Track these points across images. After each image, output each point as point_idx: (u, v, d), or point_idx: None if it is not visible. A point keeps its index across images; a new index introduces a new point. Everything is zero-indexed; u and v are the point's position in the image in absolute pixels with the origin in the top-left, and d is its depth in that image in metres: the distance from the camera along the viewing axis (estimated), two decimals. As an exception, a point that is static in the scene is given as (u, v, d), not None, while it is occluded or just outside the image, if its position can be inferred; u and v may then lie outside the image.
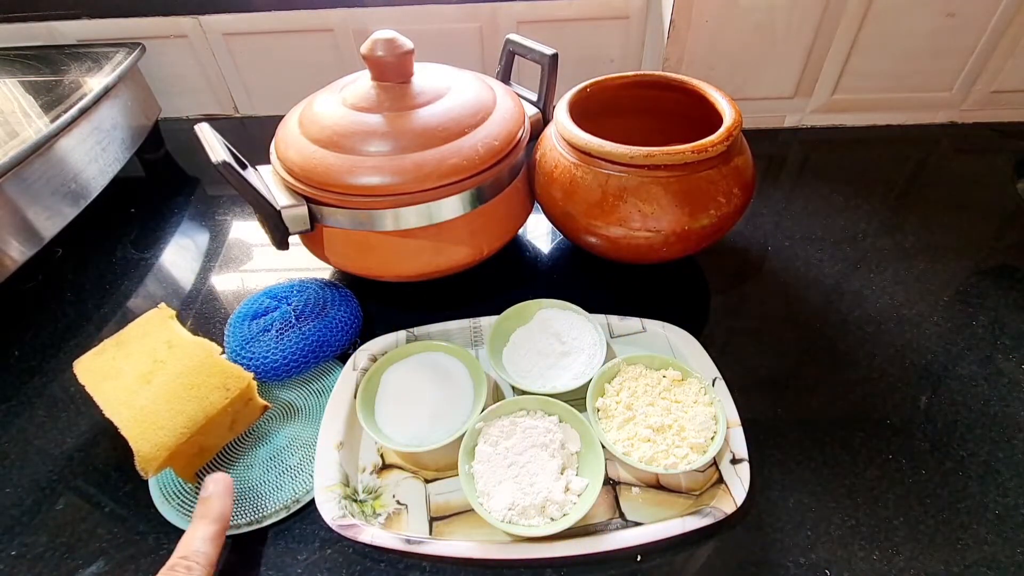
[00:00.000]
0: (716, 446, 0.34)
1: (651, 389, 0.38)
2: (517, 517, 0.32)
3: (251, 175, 0.42)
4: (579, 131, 0.42)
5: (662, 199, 0.40)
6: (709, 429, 0.36)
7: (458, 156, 0.40)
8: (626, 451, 0.35)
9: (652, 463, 0.34)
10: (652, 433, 0.35)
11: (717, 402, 0.37)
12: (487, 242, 0.45)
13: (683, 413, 0.36)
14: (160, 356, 0.37)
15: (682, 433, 0.35)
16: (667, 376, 0.39)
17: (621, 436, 0.36)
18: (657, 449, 0.35)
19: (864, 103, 0.67)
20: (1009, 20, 0.60)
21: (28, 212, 0.47)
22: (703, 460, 0.34)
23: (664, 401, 0.37)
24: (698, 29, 0.61)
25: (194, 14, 0.68)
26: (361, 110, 0.42)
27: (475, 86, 0.45)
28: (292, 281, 0.47)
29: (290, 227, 0.43)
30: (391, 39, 0.42)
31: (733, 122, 0.41)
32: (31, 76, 0.59)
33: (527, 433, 0.35)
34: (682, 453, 0.34)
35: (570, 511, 0.32)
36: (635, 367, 0.39)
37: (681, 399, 0.37)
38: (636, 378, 0.39)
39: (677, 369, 0.39)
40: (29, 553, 0.34)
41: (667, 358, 0.39)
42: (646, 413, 0.36)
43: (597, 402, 0.38)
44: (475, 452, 0.35)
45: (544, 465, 0.34)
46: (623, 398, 0.37)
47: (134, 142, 0.62)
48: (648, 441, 0.35)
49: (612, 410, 0.37)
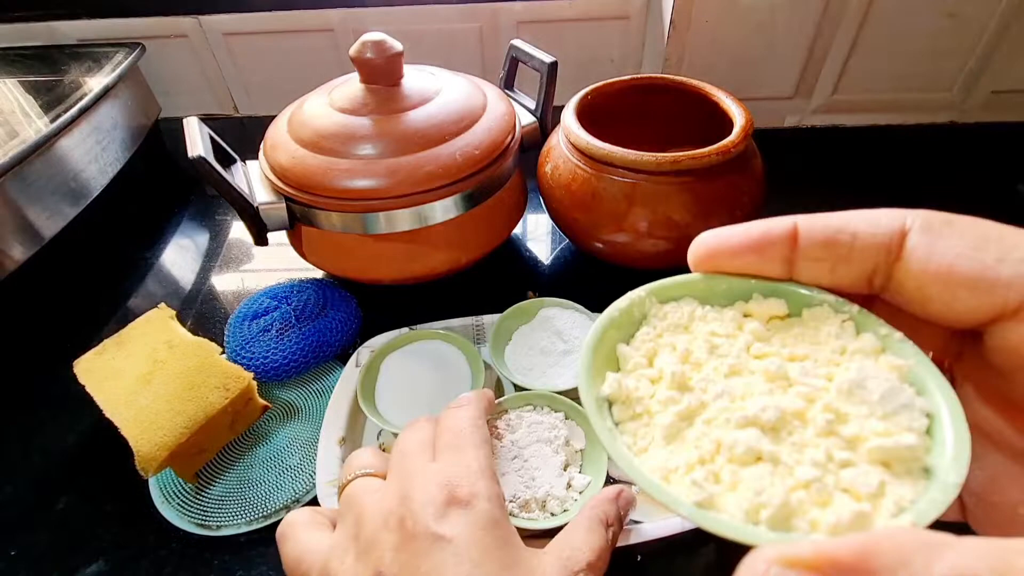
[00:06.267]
0: (950, 448, 0.14)
1: (725, 343, 0.18)
2: (518, 510, 0.32)
3: (235, 171, 0.43)
4: (597, 141, 0.41)
5: (691, 205, 0.39)
6: (905, 408, 0.15)
7: (435, 163, 0.40)
8: (702, 498, 0.14)
9: (789, 524, 0.14)
10: (759, 437, 0.15)
11: (899, 343, 0.16)
12: (467, 251, 0.45)
13: (823, 379, 0.16)
14: (160, 356, 0.37)
15: (839, 426, 0.15)
16: (753, 313, 0.19)
17: (677, 459, 0.16)
18: (783, 478, 0.15)
19: (864, 103, 0.67)
20: (1009, 20, 0.60)
21: (28, 212, 0.47)
22: (933, 496, 0.14)
23: (763, 364, 0.17)
24: (698, 29, 0.61)
25: (194, 14, 0.68)
26: (346, 112, 0.42)
27: (465, 91, 0.45)
28: (292, 281, 0.47)
29: (268, 224, 0.43)
30: (380, 41, 0.42)
31: (747, 121, 0.41)
32: (31, 76, 0.59)
33: (532, 428, 0.35)
34: (869, 479, 0.14)
35: (570, 507, 0.32)
36: (676, 307, 0.19)
37: (805, 352, 0.17)
38: (684, 326, 0.19)
39: (775, 295, 0.18)
40: (29, 553, 0.34)
41: (741, 279, 0.19)
42: (730, 392, 0.17)
43: (605, 386, 0.18)
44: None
45: (547, 460, 0.34)
46: (665, 367, 0.18)
47: (134, 142, 0.62)
48: (754, 461, 0.15)
49: (642, 398, 0.17)
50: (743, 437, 0.15)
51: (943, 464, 0.14)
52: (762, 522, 0.14)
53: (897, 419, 0.15)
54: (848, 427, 0.15)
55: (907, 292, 0.16)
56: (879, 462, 0.15)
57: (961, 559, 0.10)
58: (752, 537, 0.13)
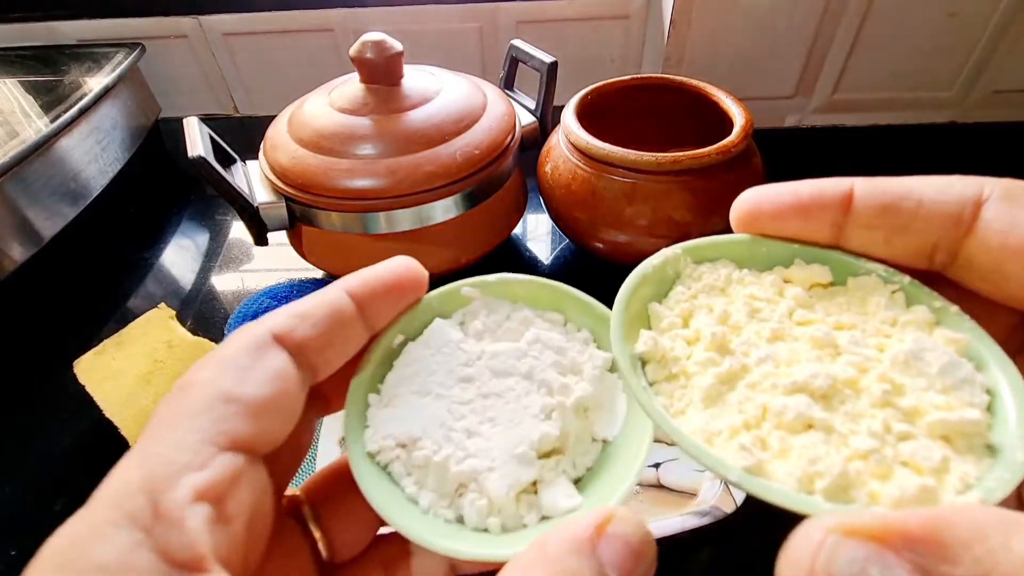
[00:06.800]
0: (1014, 425, 0.14)
1: (766, 308, 0.17)
2: (411, 484, 0.22)
3: (235, 171, 0.43)
4: (597, 141, 0.41)
5: (691, 204, 0.39)
6: (965, 383, 0.14)
7: (435, 163, 0.40)
8: (751, 463, 0.14)
9: (848, 495, 0.13)
10: (810, 404, 0.14)
11: (956, 317, 0.16)
12: (466, 251, 0.45)
13: (874, 350, 0.16)
14: (160, 356, 0.37)
15: (896, 398, 0.15)
16: (794, 279, 0.18)
17: (719, 422, 0.15)
18: (837, 447, 0.14)
19: (865, 103, 0.67)
20: (1010, 19, 0.59)
21: (28, 212, 0.47)
22: (1000, 474, 0.13)
23: (808, 330, 0.16)
24: (698, 29, 0.61)
25: (194, 14, 0.68)
26: (345, 112, 0.42)
27: (465, 91, 0.45)
28: (292, 281, 0.47)
29: (268, 224, 0.43)
30: (379, 41, 0.42)
31: (747, 120, 0.41)
32: (31, 76, 0.59)
33: (506, 332, 0.21)
34: (931, 454, 0.14)
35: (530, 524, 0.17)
36: (712, 268, 0.19)
37: (852, 321, 0.16)
38: (721, 288, 0.18)
39: (818, 262, 0.18)
40: (29, 553, 0.34)
41: (783, 243, 0.18)
42: (774, 357, 0.16)
43: (639, 343, 0.17)
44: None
45: (517, 404, 0.19)
46: (703, 327, 0.17)
47: (134, 142, 0.62)
48: (805, 429, 0.14)
49: (679, 359, 0.17)
50: (792, 403, 0.14)
51: (1008, 442, 0.13)
52: (817, 492, 0.13)
53: (958, 394, 0.14)
54: (906, 399, 0.14)
55: (979, 268, 0.14)
56: (939, 437, 0.14)
57: None
58: (808, 506, 0.13)
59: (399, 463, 0.18)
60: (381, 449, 0.18)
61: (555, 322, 0.20)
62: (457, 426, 0.18)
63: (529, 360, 0.19)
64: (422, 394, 0.18)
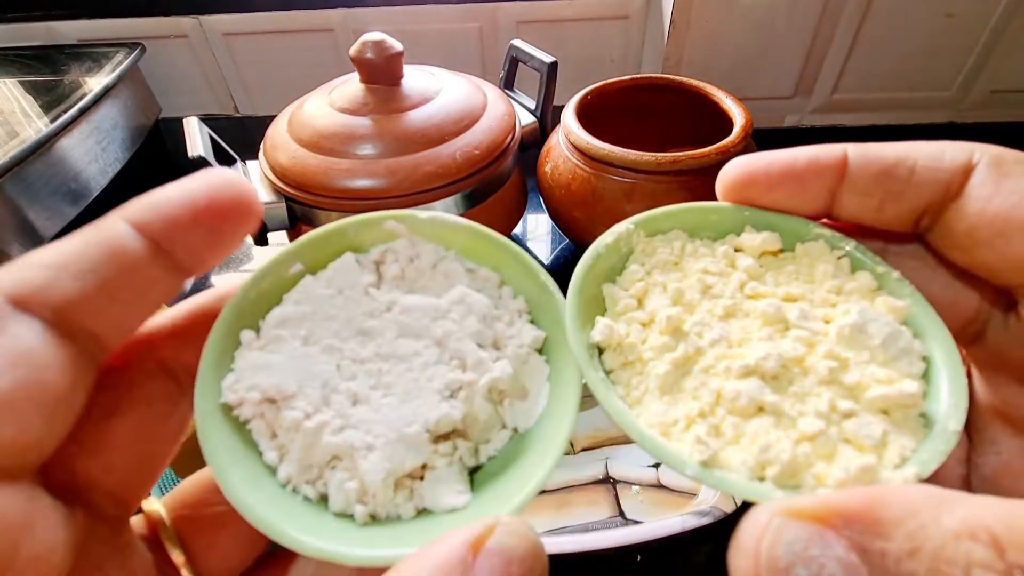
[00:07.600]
0: (946, 394, 0.14)
1: (719, 283, 0.17)
2: (274, 453, 0.19)
3: (235, 171, 0.43)
4: (597, 141, 0.41)
5: None
6: (904, 353, 0.15)
7: (435, 163, 0.40)
8: (707, 456, 0.14)
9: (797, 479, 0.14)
10: (761, 388, 0.15)
11: (897, 283, 0.16)
12: None
13: (821, 322, 0.16)
14: (160, 356, 0.37)
15: (841, 374, 0.15)
16: (745, 247, 0.18)
17: (675, 411, 0.15)
18: (787, 430, 0.14)
19: (864, 103, 0.67)
20: (1008, 20, 0.60)
21: (28, 212, 0.47)
22: (934, 445, 0.14)
23: (759, 305, 0.16)
24: (698, 29, 0.61)
25: (194, 14, 0.68)
26: (345, 112, 0.42)
27: (465, 91, 0.45)
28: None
29: (268, 224, 0.44)
30: (380, 41, 0.42)
31: (746, 120, 0.41)
32: (31, 76, 0.59)
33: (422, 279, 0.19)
34: (871, 430, 0.14)
35: (407, 516, 0.15)
36: (665, 240, 0.18)
37: (801, 291, 0.17)
38: (675, 263, 0.18)
39: (767, 228, 0.17)
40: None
41: (734, 206, 0.17)
42: (727, 338, 0.16)
43: (595, 331, 0.16)
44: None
45: (413, 376, 0.17)
46: (658, 309, 0.17)
47: (134, 142, 0.62)
48: (756, 413, 0.15)
49: (635, 345, 0.16)
50: (744, 388, 0.14)
51: (942, 411, 0.14)
52: (769, 479, 0.14)
53: (897, 364, 0.15)
54: (850, 375, 0.15)
55: (954, 235, 0.14)
56: (880, 411, 0.14)
57: (972, 513, 0.09)
58: (761, 495, 0.13)
59: (261, 421, 0.15)
60: (242, 401, 0.15)
61: (488, 282, 0.17)
62: (342, 387, 0.15)
63: (447, 323, 0.16)
64: (309, 341, 0.15)
